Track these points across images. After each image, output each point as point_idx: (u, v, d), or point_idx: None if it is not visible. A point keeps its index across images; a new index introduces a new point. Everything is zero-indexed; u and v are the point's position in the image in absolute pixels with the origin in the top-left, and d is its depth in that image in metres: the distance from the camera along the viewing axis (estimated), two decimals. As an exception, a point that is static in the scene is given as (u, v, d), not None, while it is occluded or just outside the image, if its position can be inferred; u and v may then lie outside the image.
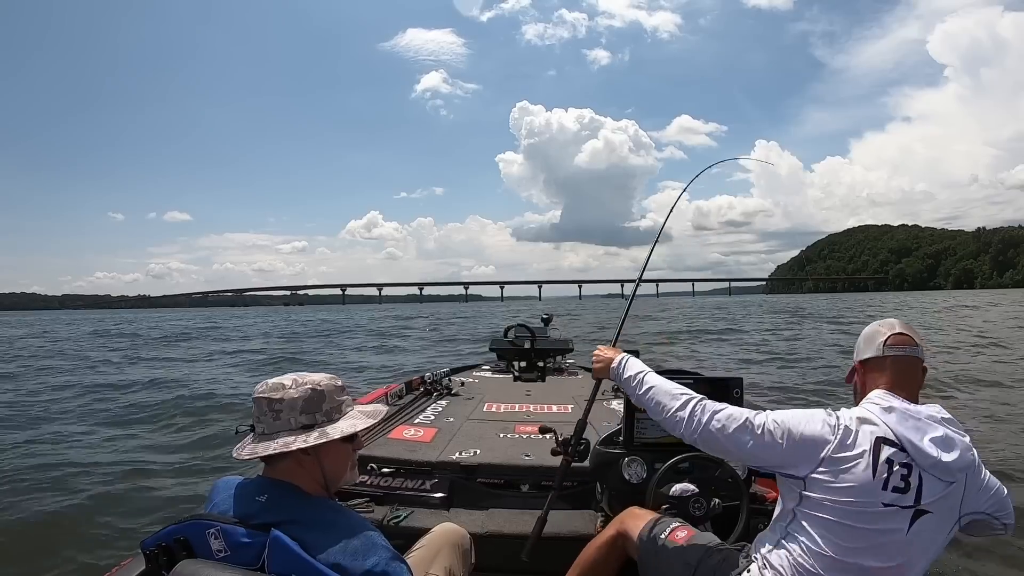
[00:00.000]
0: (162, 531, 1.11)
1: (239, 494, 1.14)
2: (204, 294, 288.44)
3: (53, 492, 4.07)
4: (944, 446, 1.21)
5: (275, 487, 1.13)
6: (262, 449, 1.12)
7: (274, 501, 1.10)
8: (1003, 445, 4.91)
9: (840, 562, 1.20)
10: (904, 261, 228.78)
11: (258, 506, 1.09)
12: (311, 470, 1.15)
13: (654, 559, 1.47)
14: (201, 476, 4.55)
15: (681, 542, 1.48)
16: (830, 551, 1.21)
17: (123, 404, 7.84)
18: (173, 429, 6.39)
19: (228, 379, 10.61)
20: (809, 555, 1.23)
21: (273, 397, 1.14)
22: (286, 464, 1.14)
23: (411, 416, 3.04)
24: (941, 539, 1.25)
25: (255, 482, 1.16)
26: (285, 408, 1.14)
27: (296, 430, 1.14)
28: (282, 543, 1.01)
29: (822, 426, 1.27)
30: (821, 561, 1.22)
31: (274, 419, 1.14)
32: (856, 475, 1.20)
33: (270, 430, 1.14)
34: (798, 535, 1.27)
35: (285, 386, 1.16)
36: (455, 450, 2.43)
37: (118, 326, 37.57)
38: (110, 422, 6.75)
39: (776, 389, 8.21)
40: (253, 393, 1.17)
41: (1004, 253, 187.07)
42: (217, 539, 1.05)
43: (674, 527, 1.54)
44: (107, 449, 5.46)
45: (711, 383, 2.30)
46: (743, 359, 12.51)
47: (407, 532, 1.83)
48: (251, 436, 1.18)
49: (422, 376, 3.81)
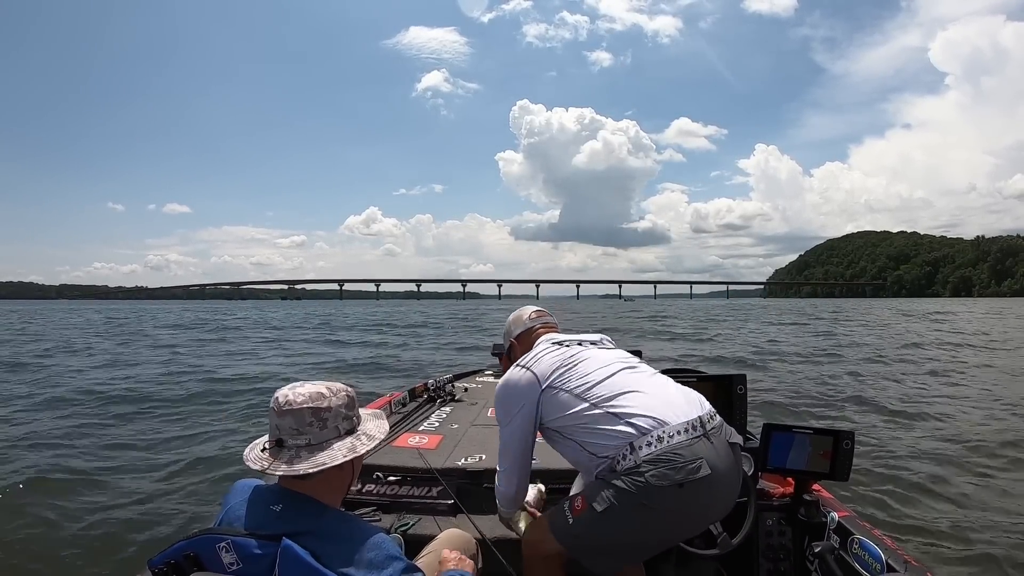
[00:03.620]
0: (170, 548, 1.06)
1: (254, 500, 1.10)
2: (201, 287, 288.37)
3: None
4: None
5: (292, 498, 1.09)
6: (308, 465, 1.07)
7: (289, 512, 1.07)
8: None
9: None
10: (902, 268, 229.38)
11: (272, 515, 1.07)
12: (342, 479, 1.16)
13: (591, 539, 1.38)
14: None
15: (582, 509, 1.37)
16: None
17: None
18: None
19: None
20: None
21: (320, 406, 1.12)
22: (322, 475, 1.10)
23: (415, 423, 3.01)
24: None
25: (272, 490, 1.12)
26: (331, 416, 1.13)
27: (342, 436, 1.14)
28: (293, 552, 0.99)
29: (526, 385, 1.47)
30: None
31: (321, 428, 1.12)
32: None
33: (317, 440, 1.11)
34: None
35: (324, 395, 1.13)
36: (460, 456, 2.40)
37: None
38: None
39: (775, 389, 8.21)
40: (279, 405, 1.10)
41: (1002, 262, 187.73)
42: (228, 552, 1.02)
43: (569, 503, 1.42)
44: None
45: (714, 381, 2.28)
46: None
47: (415, 540, 1.79)
48: (274, 449, 1.11)
49: (425, 383, 3.79)
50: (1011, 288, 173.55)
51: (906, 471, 4.25)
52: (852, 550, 1.75)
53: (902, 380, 8.79)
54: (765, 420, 2.09)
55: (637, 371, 1.49)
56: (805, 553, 1.93)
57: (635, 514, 1.29)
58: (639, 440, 1.31)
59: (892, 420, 6.03)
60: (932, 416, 6.22)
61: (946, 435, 5.38)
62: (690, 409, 1.39)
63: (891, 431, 5.55)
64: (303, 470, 1.08)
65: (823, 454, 1.95)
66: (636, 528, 1.32)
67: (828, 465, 1.95)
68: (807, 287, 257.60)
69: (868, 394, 7.54)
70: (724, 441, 1.39)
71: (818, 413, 6.52)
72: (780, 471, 2.02)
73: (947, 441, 5.16)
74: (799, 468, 1.98)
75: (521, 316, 1.73)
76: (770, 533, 2.05)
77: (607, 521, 1.31)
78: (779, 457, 1.99)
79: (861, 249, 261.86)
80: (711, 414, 1.43)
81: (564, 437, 1.43)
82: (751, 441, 2.22)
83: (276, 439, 1.11)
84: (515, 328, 1.72)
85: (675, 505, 1.30)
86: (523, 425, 1.47)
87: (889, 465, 4.38)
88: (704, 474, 1.28)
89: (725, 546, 1.80)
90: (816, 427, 2.01)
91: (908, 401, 7.03)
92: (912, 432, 5.52)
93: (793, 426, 2.00)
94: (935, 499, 3.76)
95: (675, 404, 1.38)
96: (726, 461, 1.36)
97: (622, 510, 1.29)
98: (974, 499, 3.75)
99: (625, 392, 1.39)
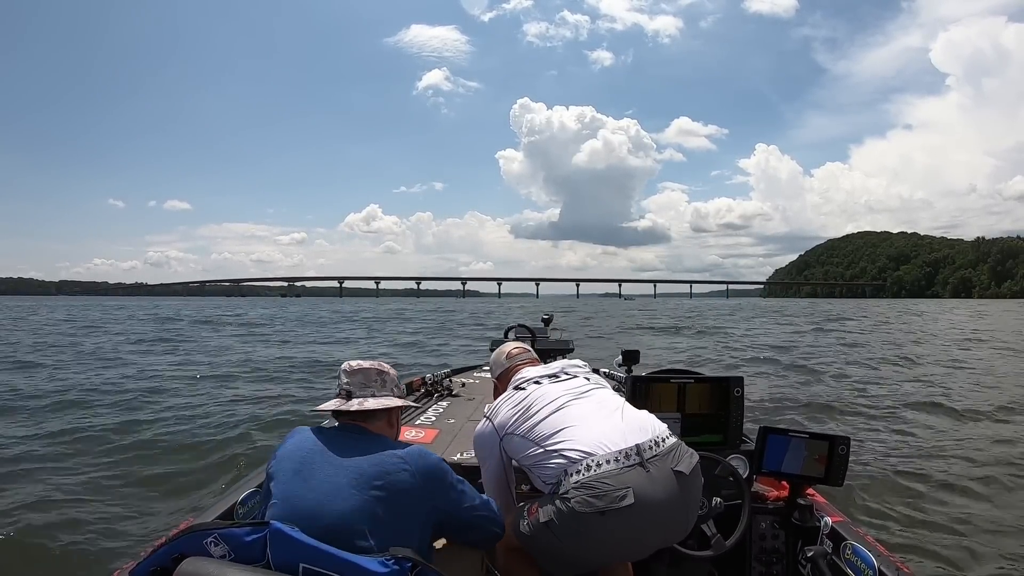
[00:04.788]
0: (154, 555, 1.03)
1: (326, 434, 1.34)
2: (201, 283, 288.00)
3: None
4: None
5: (359, 428, 1.38)
6: (375, 403, 1.41)
7: (363, 438, 1.34)
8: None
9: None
10: (902, 268, 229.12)
11: (343, 437, 1.33)
12: (391, 432, 1.47)
13: (538, 543, 1.49)
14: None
15: (532, 517, 1.50)
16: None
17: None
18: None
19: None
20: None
21: (382, 368, 1.49)
22: (380, 423, 1.43)
23: (412, 417, 3.03)
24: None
25: (341, 426, 1.40)
26: (389, 380, 1.48)
27: (395, 396, 1.48)
28: (283, 533, 1.00)
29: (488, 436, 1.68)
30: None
31: (382, 386, 1.46)
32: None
33: (379, 393, 1.44)
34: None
35: (384, 365, 1.51)
36: (456, 451, 2.41)
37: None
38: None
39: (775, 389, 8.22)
40: (351, 367, 1.46)
41: (1003, 263, 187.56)
42: (217, 545, 1.02)
43: (526, 509, 1.56)
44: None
45: (711, 383, 2.29)
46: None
47: None
48: (340, 397, 1.42)
49: (423, 377, 3.79)
50: (1011, 290, 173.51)
51: (901, 478, 4.27)
52: (845, 555, 1.76)
53: (900, 385, 8.80)
54: (761, 423, 2.10)
55: (583, 400, 1.63)
56: (798, 557, 1.93)
57: (568, 534, 1.41)
58: (571, 468, 1.44)
59: (888, 426, 6.04)
60: (930, 423, 6.22)
61: (943, 443, 5.39)
62: (628, 437, 1.47)
63: (887, 437, 5.56)
64: (372, 405, 1.39)
65: (818, 458, 1.96)
66: (571, 546, 1.43)
67: (823, 470, 1.96)
68: (807, 287, 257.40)
69: (865, 399, 7.55)
70: (667, 469, 1.43)
71: (814, 417, 6.53)
72: (775, 474, 2.03)
73: (943, 449, 5.16)
74: (794, 472, 1.99)
75: (499, 358, 1.92)
76: (763, 536, 2.06)
77: (549, 533, 1.44)
78: (774, 460, 2.00)
79: (861, 249, 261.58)
80: (656, 440, 1.48)
81: (526, 468, 1.63)
82: (747, 444, 2.23)
83: (347, 391, 1.42)
84: (496, 369, 1.92)
85: (601, 533, 1.38)
86: (495, 466, 1.70)
87: (884, 472, 4.39)
88: (627, 503, 1.35)
89: (719, 548, 1.81)
90: (812, 431, 2.03)
91: (906, 408, 7.03)
92: (908, 439, 5.52)
93: (789, 430, 2.01)
94: (929, 507, 3.77)
95: (609, 434, 1.48)
96: (665, 489, 1.41)
97: (560, 527, 1.42)
98: (969, 508, 3.76)
99: (563, 428, 1.53)
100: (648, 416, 1.59)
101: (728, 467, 1.95)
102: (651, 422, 1.56)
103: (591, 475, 1.40)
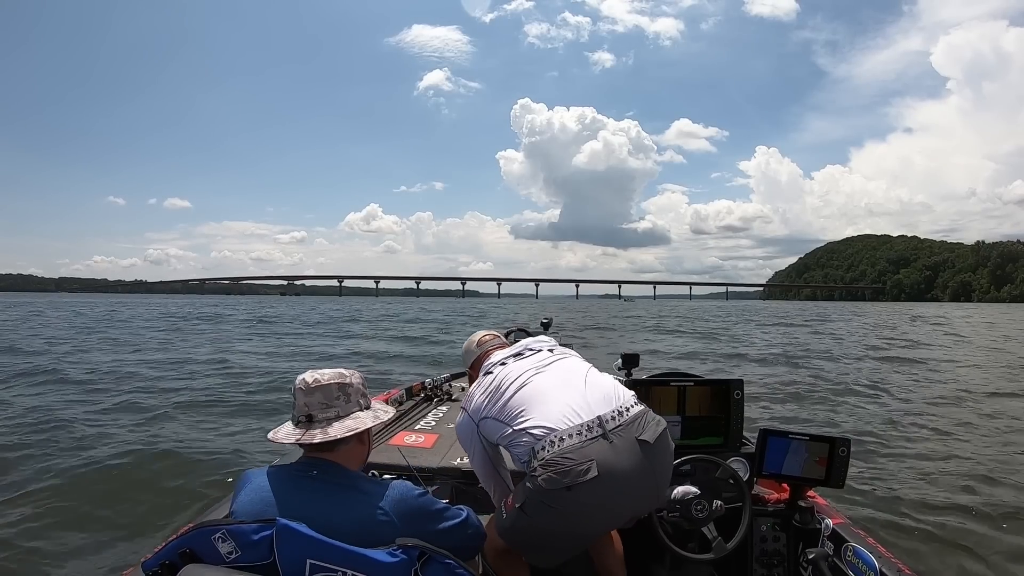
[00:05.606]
0: (164, 548, 1.06)
1: (281, 477, 1.19)
2: (200, 281, 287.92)
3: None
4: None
5: (324, 464, 1.21)
6: (340, 429, 1.23)
7: (326, 474, 1.19)
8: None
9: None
10: (902, 272, 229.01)
11: (308, 481, 1.17)
12: (361, 452, 1.32)
13: (517, 532, 1.49)
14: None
15: (510, 506, 1.50)
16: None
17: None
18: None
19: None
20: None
21: (344, 382, 1.29)
22: (348, 445, 1.26)
23: (412, 422, 3.01)
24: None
25: (301, 462, 1.23)
26: (353, 392, 1.30)
27: (363, 409, 1.30)
28: (290, 529, 0.99)
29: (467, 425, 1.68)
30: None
31: (346, 402, 1.28)
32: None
33: (344, 412, 1.26)
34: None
35: (345, 375, 1.31)
36: (456, 456, 2.39)
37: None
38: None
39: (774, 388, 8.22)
40: (308, 384, 1.26)
41: (1002, 267, 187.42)
42: (225, 542, 1.02)
43: (503, 503, 1.56)
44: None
45: (711, 385, 2.29)
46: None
47: None
48: (304, 424, 1.24)
49: (422, 381, 3.77)
50: (1010, 294, 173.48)
51: (902, 479, 4.26)
52: (846, 557, 1.76)
53: (901, 387, 8.80)
54: (762, 425, 2.09)
55: (545, 373, 1.62)
56: (799, 559, 1.93)
57: (541, 511, 1.41)
58: (536, 445, 1.44)
59: (889, 428, 6.04)
60: (930, 426, 6.22)
61: (944, 445, 5.38)
62: (593, 408, 1.47)
63: (888, 439, 5.55)
64: (338, 434, 1.22)
65: (819, 460, 1.96)
66: (546, 524, 1.42)
67: (824, 472, 1.96)
68: (806, 290, 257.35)
69: (865, 401, 7.55)
70: (631, 439, 1.43)
71: (814, 419, 6.53)
72: (776, 476, 2.03)
73: (944, 449, 5.16)
74: (795, 474, 1.99)
75: (470, 346, 1.91)
76: (764, 539, 2.06)
77: (525, 516, 1.43)
78: (775, 462, 1.99)
79: (861, 252, 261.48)
80: (620, 410, 1.48)
81: (504, 448, 1.63)
82: (747, 446, 2.23)
83: (306, 415, 1.24)
84: (468, 358, 1.91)
85: (573, 506, 1.37)
86: (479, 452, 1.69)
87: (885, 473, 4.39)
88: (591, 476, 1.35)
89: (719, 551, 1.81)
90: (813, 433, 2.01)
91: (906, 410, 7.02)
92: (909, 441, 5.52)
93: (790, 432, 2.01)
94: (930, 508, 3.76)
95: (572, 406, 1.47)
96: (629, 459, 1.41)
97: (532, 507, 1.42)
98: (971, 509, 3.75)
99: (527, 406, 1.53)
100: (612, 383, 1.59)
101: (728, 470, 1.95)
102: (615, 390, 1.55)
103: (555, 451, 1.40)
